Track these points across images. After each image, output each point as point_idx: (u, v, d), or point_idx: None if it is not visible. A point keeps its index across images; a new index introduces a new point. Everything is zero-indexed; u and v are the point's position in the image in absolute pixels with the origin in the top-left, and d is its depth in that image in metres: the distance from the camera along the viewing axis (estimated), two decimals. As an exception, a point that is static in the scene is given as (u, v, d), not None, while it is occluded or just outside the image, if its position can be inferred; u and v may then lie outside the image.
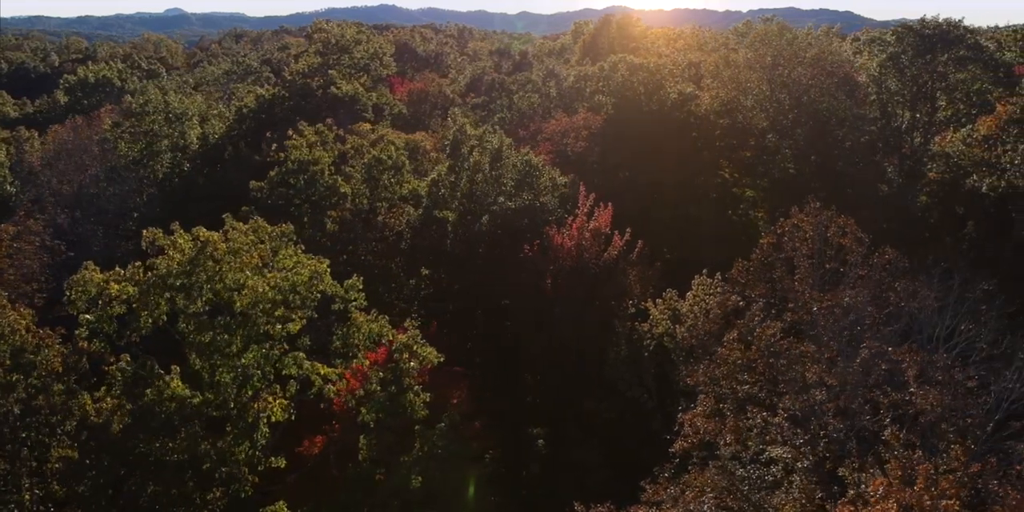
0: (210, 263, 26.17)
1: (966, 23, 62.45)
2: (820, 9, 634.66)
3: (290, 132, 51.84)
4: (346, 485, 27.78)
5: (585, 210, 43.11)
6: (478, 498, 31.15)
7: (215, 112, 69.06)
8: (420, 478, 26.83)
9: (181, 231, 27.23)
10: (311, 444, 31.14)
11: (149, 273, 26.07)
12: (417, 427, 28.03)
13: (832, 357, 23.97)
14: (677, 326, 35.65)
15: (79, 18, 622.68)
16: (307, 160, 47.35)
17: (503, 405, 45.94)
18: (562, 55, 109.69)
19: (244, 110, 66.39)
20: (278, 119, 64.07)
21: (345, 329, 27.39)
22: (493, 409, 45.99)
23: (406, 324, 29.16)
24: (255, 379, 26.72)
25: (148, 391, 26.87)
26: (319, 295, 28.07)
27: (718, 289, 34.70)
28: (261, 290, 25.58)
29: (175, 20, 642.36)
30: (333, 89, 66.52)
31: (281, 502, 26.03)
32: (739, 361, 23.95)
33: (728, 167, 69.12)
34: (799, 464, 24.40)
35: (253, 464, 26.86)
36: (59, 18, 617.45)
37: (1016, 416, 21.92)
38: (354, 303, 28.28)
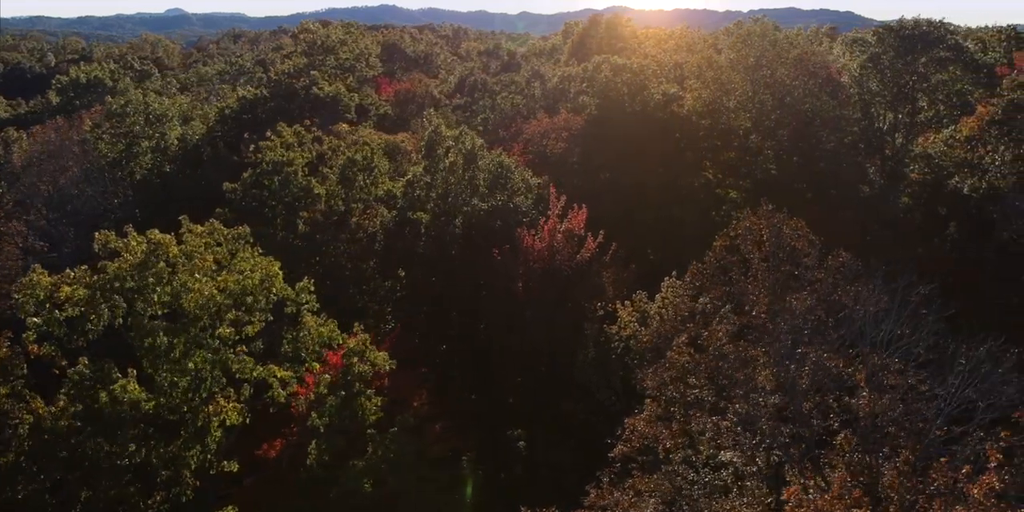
0: (162, 265, 26.06)
1: (959, 24, 62.52)
2: (820, 9, 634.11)
3: (268, 133, 51.81)
4: (297, 489, 27.65)
5: (557, 212, 42.93)
6: (446, 502, 30.95)
7: (199, 113, 69.04)
8: (371, 482, 26.68)
9: (134, 233, 27.10)
10: (269, 447, 31.00)
11: (98, 276, 25.93)
12: (369, 431, 27.87)
13: (781, 361, 23.80)
14: (643, 328, 35.50)
15: (80, 18, 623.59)
16: (281, 161, 47.25)
17: (481, 406, 45.85)
18: (553, 55, 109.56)
19: (226, 111, 66.32)
20: (260, 120, 63.97)
21: (294, 333, 27.24)
22: (470, 410, 45.94)
23: (355, 329, 28.96)
24: (207, 382, 26.60)
25: (103, 394, 26.76)
26: (275, 298, 27.92)
27: (688, 291, 34.54)
28: (208, 294, 25.45)
29: (176, 20, 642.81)
30: (315, 90, 66.41)
31: (231, 507, 25.88)
32: (687, 364, 23.79)
33: (712, 168, 68.92)
34: (748, 468, 24.26)
35: (205, 468, 26.73)
36: (59, 18, 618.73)
37: (957, 422, 21.73)
38: (306, 306, 28.13)
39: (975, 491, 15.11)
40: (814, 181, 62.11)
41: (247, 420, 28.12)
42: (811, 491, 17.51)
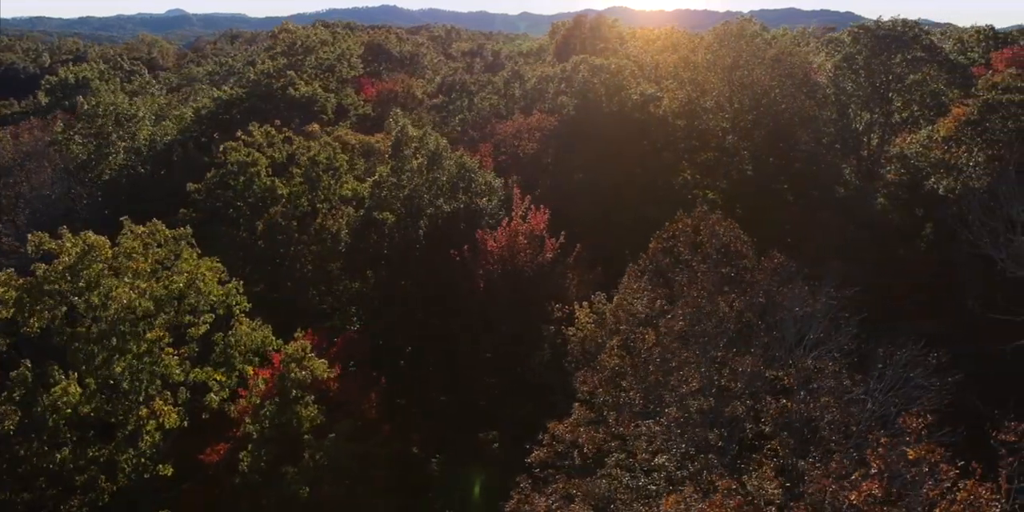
0: (96, 267, 25.78)
1: (960, 25, 62.04)
2: (821, 10, 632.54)
3: (239, 133, 51.63)
4: (233, 494, 27.38)
5: (520, 213, 42.64)
6: (386, 506, 30.68)
7: (176, 113, 68.84)
8: (308, 489, 26.40)
9: (69, 235, 26.84)
10: (212, 451, 30.72)
11: (24, 279, 25.69)
12: (306, 437, 27.60)
13: (711, 363, 23.49)
14: (600, 330, 35.18)
15: (80, 19, 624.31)
16: (245, 162, 47.02)
17: (448, 407, 45.52)
18: (541, 56, 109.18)
19: (202, 111, 66.12)
20: (235, 121, 63.74)
21: (225, 337, 26.96)
22: (434, 411, 45.63)
23: (297, 334, 28.65)
24: (142, 385, 26.34)
25: (44, 397, 26.51)
26: (214, 299, 27.64)
27: (645, 292, 34.24)
28: (130, 298, 25.16)
29: (176, 21, 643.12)
30: (290, 90, 66.18)
31: (165, 511, 25.63)
32: (616, 367, 23.49)
33: (690, 169, 68.59)
34: (680, 473, 23.96)
35: (139, 471, 26.47)
36: (60, 19, 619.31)
37: (885, 426, 21.43)
38: (237, 308, 27.81)
39: (852, 497, 14.82)
40: (791, 182, 61.82)
41: (185, 423, 27.83)
42: (690, 500, 17.20)
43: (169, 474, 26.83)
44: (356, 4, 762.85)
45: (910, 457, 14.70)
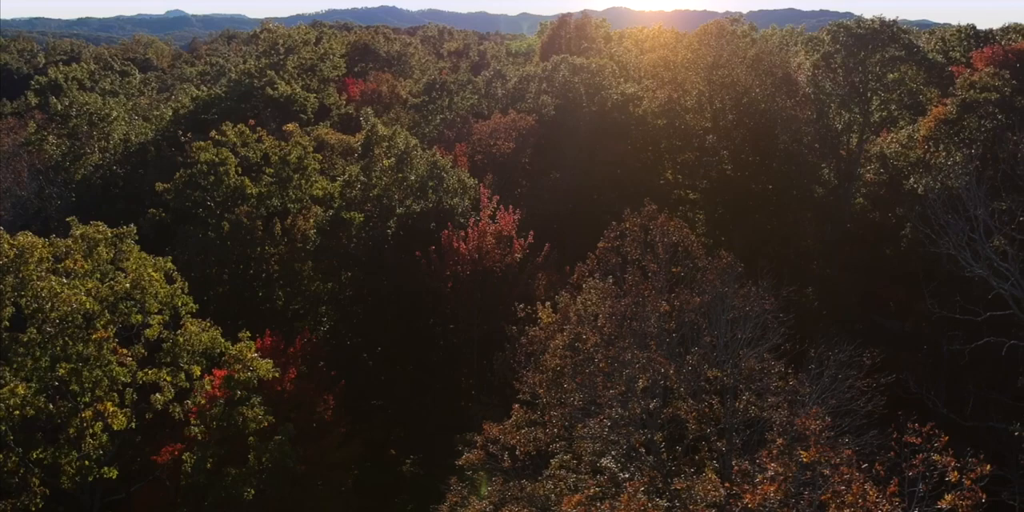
0: (31, 268, 25.50)
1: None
2: (821, 10, 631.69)
3: (213, 133, 51.39)
4: (180, 496, 27.11)
5: (488, 213, 42.34)
6: (365, 508, 30.41)
7: (156, 113, 68.58)
8: (252, 491, 26.13)
9: (5, 235, 26.54)
10: (167, 452, 30.45)
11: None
12: (251, 439, 27.34)
13: (652, 364, 23.17)
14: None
15: (79, 20, 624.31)
16: (215, 161, 46.77)
17: (413, 408, 45.19)
18: (530, 56, 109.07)
19: (181, 111, 65.82)
20: (212, 121, 63.42)
21: (172, 338, 26.68)
22: (412, 412, 45.32)
23: (241, 335, 28.35)
24: (88, 387, 26.05)
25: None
26: (160, 301, 27.36)
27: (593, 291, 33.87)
28: (73, 301, 24.88)
29: (176, 21, 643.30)
30: (269, 90, 65.91)
31: (106, 513, 25.35)
32: (559, 368, 23.20)
33: (671, 169, 68.33)
34: (623, 474, 23.68)
35: (84, 474, 26.18)
36: (59, 20, 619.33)
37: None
38: (184, 308, 27.54)
39: (748, 498, 14.53)
40: (771, 182, 61.51)
41: (133, 425, 27.52)
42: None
43: (114, 476, 26.52)
44: (355, 5, 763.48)
45: (804, 460, 14.42)
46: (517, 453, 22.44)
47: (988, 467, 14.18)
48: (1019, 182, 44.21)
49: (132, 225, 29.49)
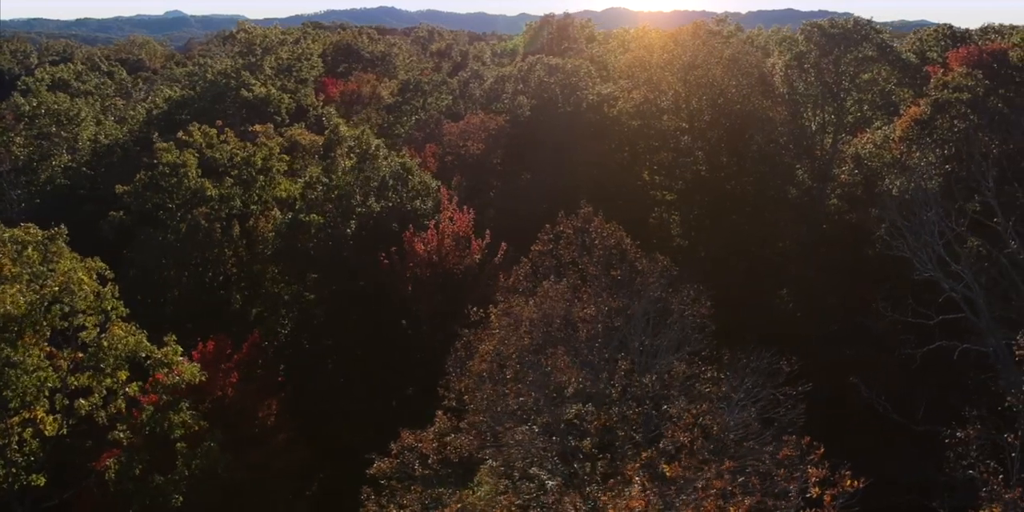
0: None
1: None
2: (819, 10, 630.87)
3: (180, 134, 51.02)
4: (105, 505, 26.69)
5: (448, 214, 41.92)
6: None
7: (131, 113, 68.21)
8: (180, 498, 25.72)
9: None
10: (106, 458, 30.00)
11: None
12: (179, 445, 26.93)
13: (581, 369, 22.73)
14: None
15: (78, 20, 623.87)
16: (176, 163, 46.35)
17: (383, 415, 44.74)
18: (515, 57, 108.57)
19: (154, 112, 65.46)
20: (185, 121, 63.03)
21: (97, 341, 26.22)
22: (375, 416, 44.85)
23: (166, 339, 27.89)
24: (16, 393, 25.61)
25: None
26: (89, 304, 26.91)
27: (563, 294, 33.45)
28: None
29: (174, 22, 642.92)
30: (243, 91, 65.49)
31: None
32: (484, 373, 22.78)
33: (648, 170, 67.84)
34: (550, 483, 23.22)
35: (11, 482, 25.74)
36: (58, 20, 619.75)
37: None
38: (114, 312, 27.07)
39: (610, 508, 14.11)
40: (747, 183, 61.05)
41: (65, 431, 27.08)
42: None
43: (42, 484, 26.07)
44: (354, 5, 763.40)
45: (667, 475, 13.98)
46: (430, 461, 22.01)
47: (856, 483, 13.66)
48: (985, 184, 43.72)
49: (63, 227, 29.03)
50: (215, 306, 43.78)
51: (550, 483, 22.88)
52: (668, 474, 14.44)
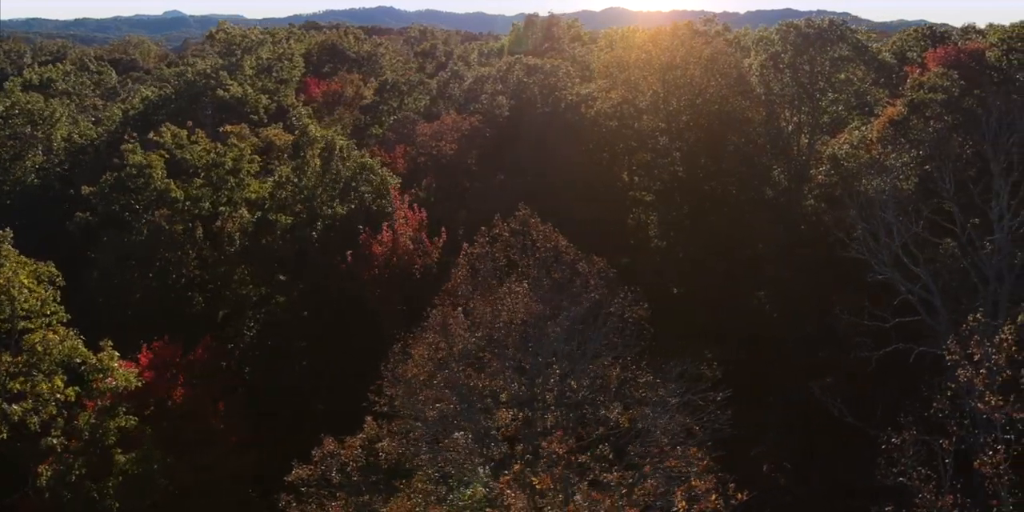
0: None
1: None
2: (818, 10, 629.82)
3: (152, 134, 50.77)
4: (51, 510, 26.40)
5: (403, 215, 41.65)
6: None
7: (107, 114, 67.96)
8: (117, 504, 25.44)
9: None
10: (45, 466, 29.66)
11: None
12: (116, 450, 26.64)
13: (514, 374, 22.43)
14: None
15: (76, 21, 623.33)
16: (142, 163, 46.08)
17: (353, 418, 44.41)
18: (501, 56, 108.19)
19: (130, 112, 65.21)
20: (162, 121, 62.77)
21: (31, 346, 25.92)
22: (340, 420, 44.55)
23: (102, 344, 27.60)
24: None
25: None
26: (28, 307, 26.62)
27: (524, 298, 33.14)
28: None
29: (173, 22, 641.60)
30: (220, 91, 65.24)
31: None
32: (417, 379, 22.48)
33: (627, 170, 67.52)
34: (484, 489, 22.91)
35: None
36: (56, 20, 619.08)
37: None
38: (54, 317, 26.77)
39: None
40: (725, 183, 60.72)
41: (4, 435, 26.76)
42: None
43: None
44: (353, 5, 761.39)
45: (538, 486, 13.68)
46: (349, 469, 21.71)
47: (741, 495, 13.36)
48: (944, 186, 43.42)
49: (8, 229, 28.74)
50: (178, 308, 43.47)
51: (483, 490, 22.60)
52: (538, 486, 14.09)
